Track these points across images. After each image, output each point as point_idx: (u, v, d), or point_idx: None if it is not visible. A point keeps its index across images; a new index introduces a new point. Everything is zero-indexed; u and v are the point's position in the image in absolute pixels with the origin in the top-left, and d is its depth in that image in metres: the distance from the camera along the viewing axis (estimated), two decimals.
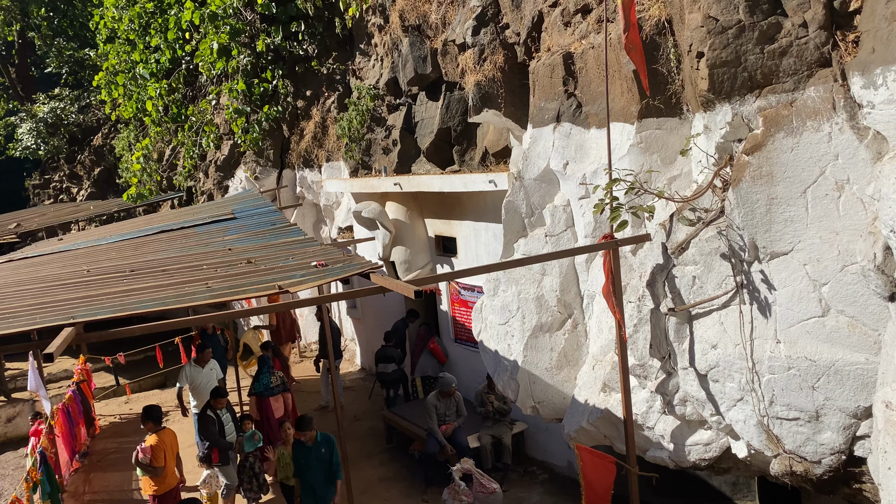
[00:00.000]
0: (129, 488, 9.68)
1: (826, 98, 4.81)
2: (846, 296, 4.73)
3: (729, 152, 5.36)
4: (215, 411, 8.30)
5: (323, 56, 12.61)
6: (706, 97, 5.35)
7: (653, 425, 6.11)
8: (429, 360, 10.35)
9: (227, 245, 7.59)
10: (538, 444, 8.96)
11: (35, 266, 8.58)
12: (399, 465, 9.37)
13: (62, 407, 10.07)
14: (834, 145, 4.76)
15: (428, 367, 10.35)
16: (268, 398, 9.15)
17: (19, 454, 11.63)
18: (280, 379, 9.37)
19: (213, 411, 8.29)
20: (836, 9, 4.92)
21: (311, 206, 14.29)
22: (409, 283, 4.91)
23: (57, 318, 4.99)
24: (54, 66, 25.77)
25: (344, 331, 13.87)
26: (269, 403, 9.15)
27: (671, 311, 5.68)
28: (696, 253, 5.48)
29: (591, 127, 6.61)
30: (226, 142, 15.07)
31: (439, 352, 10.34)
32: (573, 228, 7.03)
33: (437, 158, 10.04)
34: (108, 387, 14.12)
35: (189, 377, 9.62)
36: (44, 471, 7.98)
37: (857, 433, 4.83)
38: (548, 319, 7.13)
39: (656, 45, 5.89)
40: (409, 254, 10.40)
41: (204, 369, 9.67)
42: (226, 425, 8.36)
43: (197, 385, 9.59)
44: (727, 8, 5.16)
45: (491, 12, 8.02)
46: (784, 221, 4.97)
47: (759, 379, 5.16)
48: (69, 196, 23.03)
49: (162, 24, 15.83)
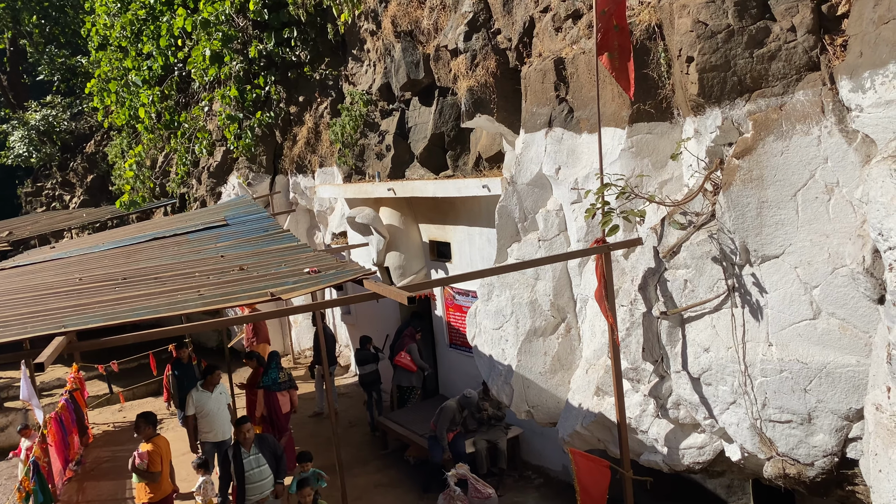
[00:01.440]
0: (123, 497, 9.63)
1: (815, 102, 4.85)
2: (837, 298, 4.75)
3: (719, 156, 5.38)
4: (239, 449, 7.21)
5: (315, 62, 12.62)
6: (696, 101, 5.37)
7: (646, 429, 6.12)
8: (400, 371, 10.29)
9: (219, 252, 7.57)
10: (533, 448, 8.96)
11: (27, 274, 8.54)
12: (394, 471, 9.35)
13: (55, 416, 10.01)
14: (823, 149, 4.79)
15: (402, 377, 10.29)
16: (275, 392, 9.30)
17: (12, 463, 11.55)
18: (287, 375, 9.53)
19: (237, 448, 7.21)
20: (825, 13, 4.96)
21: (305, 211, 14.28)
22: (402, 288, 4.91)
23: (48, 326, 4.97)
24: (46, 73, 25.69)
25: (339, 337, 13.85)
26: (276, 398, 9.31)
27: (663, 315, 5.69)
28: (688, 256, 5.50)
29: (582, 132, 6.63)
30: (218, 148, 15.05)
31: (407, 364, 10.15)
32: (566, 233, 7.05)
33: (430, 163, 10.05)
34: (102, 395, 14.05)
35: (196, 403, 8.82)
36: (36, 480, 7.92)
37: (850, 435, 4.84)
38: (541, 324, 7.14)
39: (646, 50, 5.92)
40: (403, 259, 10.40)
41: (213, 394, 8.90)
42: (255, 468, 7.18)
43: (207, 412, 8.83)
44: (716, 13, 5.20)
45: (482, 18, 8.04)
46: (775, 225, 5.00)
47: (752, 382, 5.17)
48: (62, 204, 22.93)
49: (154, 31, 15.82)
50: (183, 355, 10.31)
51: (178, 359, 10.43)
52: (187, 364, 10.39)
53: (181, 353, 10.39)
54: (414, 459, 9.34)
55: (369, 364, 10.42)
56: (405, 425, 9.43)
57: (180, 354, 10.39)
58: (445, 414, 8.33)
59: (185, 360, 10.31)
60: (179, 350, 10.60)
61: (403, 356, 10.18)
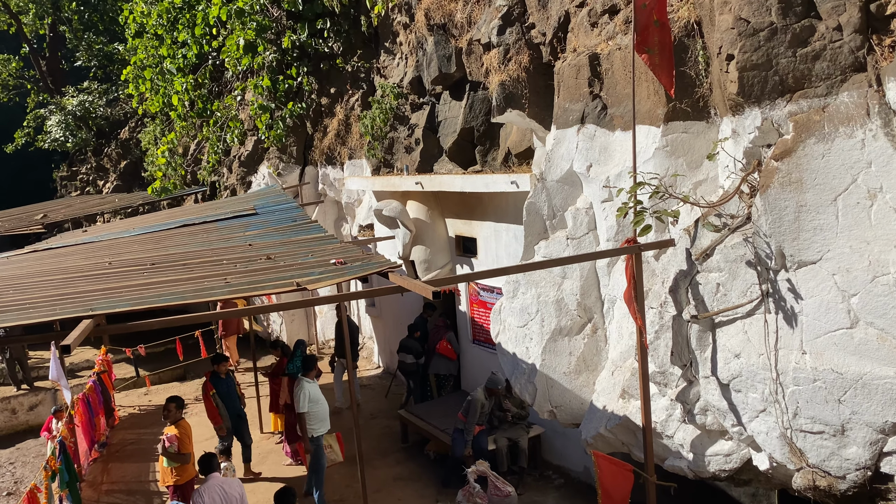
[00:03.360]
0: (147, 479, 9.76)
1: (860, 104, 4.69)
2: (876, 307, 4.60)
3: (757, 157, 5.24)
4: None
5: (348, 54, 12.62)
6: (735, 101, 5.23)
7: (672, 434, 6.01)
8: (440, 359, 10.32)
9: (247, 241, 7.61)
10: (554, 448, 8.87)
11: (59, 257, 8.67)
12: (414, 464, 9.34)
13: (82, 397, 10.18)
14: (867, 152, 4.63)
15: (441, 366, 10.32)
16: None
17: (40, 442, 11.79)
18: None
19: None
20: (873, 12, 4.79)
21: (333, 203, 14.32)
22: (428, 283, 4.86)
23: (77, 309, 5.02)
24: (84, 59, 26.13)
25: (362, 329, 13.89)
26: None
27: (694, 319, 5.57)
28: (721, 260, 5.37)
29: (615, 129, 6.51)
30: (250, 137, 15.16)
31: (449, 351, 10.27)
32: (595, 232, 6.94)
33: (459, 158, 9.99)
34: (129, 378, 14.28)
35: (310, 396, 8.26)
36: (63, 460, 8.06)
37: (885, 449, 4.69)
38: (567, 323, 7.05)
39: (685, 48, 5.79)
40: (429, 253, 10.36)
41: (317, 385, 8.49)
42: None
43: (318, 406, 8.34)
44: (759, 10, 5.05)
45: (517, 12, 7.95)
46: (813, 229, 4.85)
47: (784, 390, 5.04)
48: (95, 188, 23.31)
49: (189, 20, 15.97)
50: (221, 370, 9.36)
51: (215, 373, 9.33)
52: (226, 378, 9.40)
53: (220, 368, 9.38)
54: (434, 454, 9.31)
55: (410, 354, 10.44)
56: (426, 419, 9.41)
57: (219, 369, 9.37)
58: (474, 405, 8.17)
59: (223, 375, 9.34)
60: (219, 364, 9.46)
61: (444, 344, 10.19)
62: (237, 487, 6.66)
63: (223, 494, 6.48)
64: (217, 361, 9.45)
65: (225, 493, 6.48)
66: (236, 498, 6.56)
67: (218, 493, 6.47)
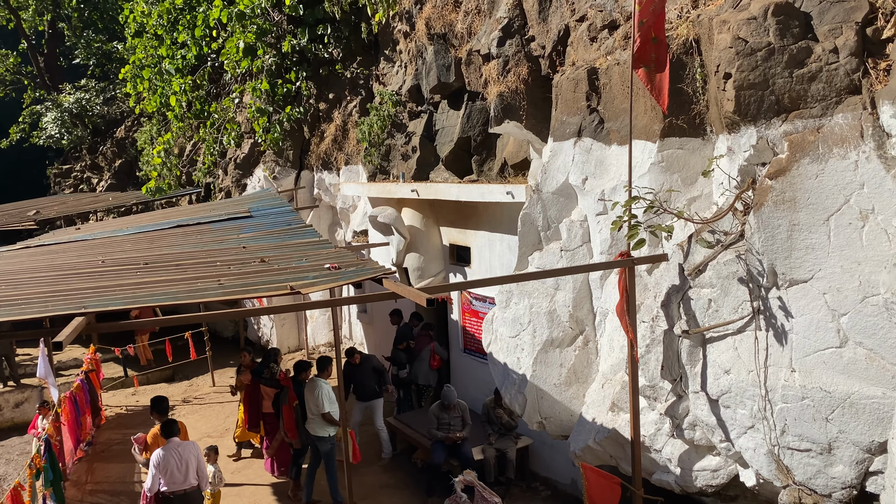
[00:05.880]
0: (131, 480, 9.68)
1: (854, 126, 4.74)
2: (866, 327, 4.64)
3: (752, 175, 5.29)
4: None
5: (347, 60, 12.66)
6: (731, 119, 5.29)
7: (660, 448, 6.02)
8: (421, 368, 10.28)
9: (241, 243, 7.60)
10: (542, 459, 8.87)
11: (51, 254, 8.63)
12: (402, 472, 9.31)
13: (69, 395, 10.10)
14: (860, 174, 4.69)
15: (420, 375, 10.28)
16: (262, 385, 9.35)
17: (25, 440, 11.68)
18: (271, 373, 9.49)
19: None
20: (869, 36, 4.86)
21: (328, 208, 14.31)
22: (421, 290, 4.88)
23: (69, 306, 5.00)
24: (82, 57, 26.07)
25: (353, 335, 13.86)
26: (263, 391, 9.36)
27: (685, 334, 5.60)
28: (714, 276, 5.41)
29: (612, 143, 6.56)
30: (246, 140, 15.16)
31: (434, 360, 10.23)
32: (589, 244, 6.97)
33: (455, 167, 10.02)
34: (117, 378, 14.18)
35: (330, 397, 8.14)
36: (48, 458, 7.99)
37: (871, 468, 4.72)
38: (559, 335, 7.07)
39: (683, 65, 5.84)
40: (422, 261, 10.37)
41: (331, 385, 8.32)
42: None
43: (335, 407, 8.22)
44: (757, 30, 5.11)
45: (517, 24, 8.01)
46: (805, 248, 4.90)
47: (772, 407, 5.07)
48: (89, 186, 23.21)
49: (190, 21, 15.99)
50: (304, 379, 8.52)
51: (298, 382, 8.50)
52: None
53: (304, 376, 8.54)
54: (421, 462, 9.29)
55: (396, 365, 10.41)
56: (414, 427, 9.39)
57: (303, 377, 8.51)
58: (429, 418, 8.49)
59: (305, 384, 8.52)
60: (302, 372, 8.61)
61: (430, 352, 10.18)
62: (193, 449, 7.29)
63: (179, 455, 7.13)
64: (301, 369, 8.70)
65: (180, 454, 7.13)
66: (191, 459, 7.22)
67: (174, 455, 7.12)
